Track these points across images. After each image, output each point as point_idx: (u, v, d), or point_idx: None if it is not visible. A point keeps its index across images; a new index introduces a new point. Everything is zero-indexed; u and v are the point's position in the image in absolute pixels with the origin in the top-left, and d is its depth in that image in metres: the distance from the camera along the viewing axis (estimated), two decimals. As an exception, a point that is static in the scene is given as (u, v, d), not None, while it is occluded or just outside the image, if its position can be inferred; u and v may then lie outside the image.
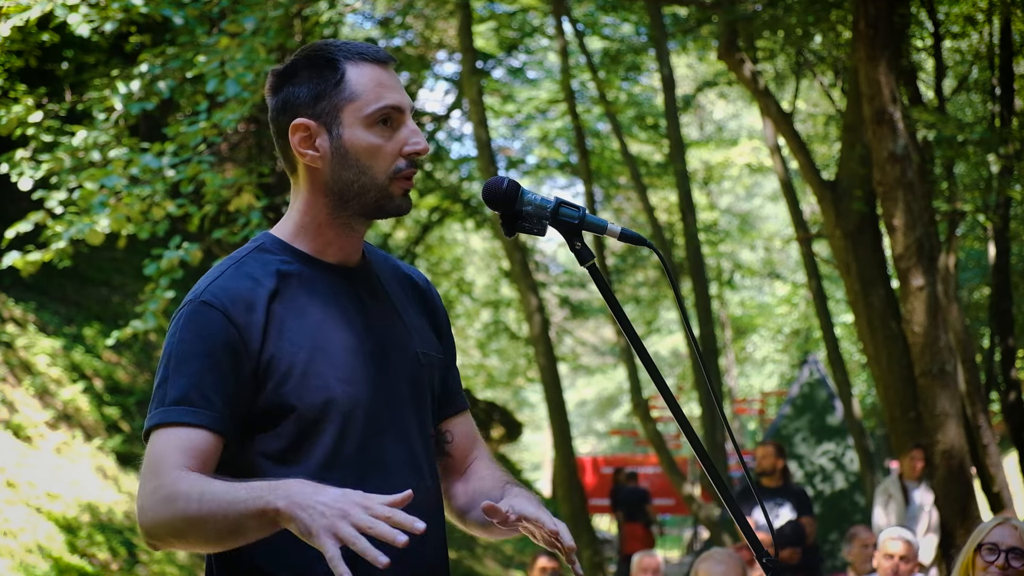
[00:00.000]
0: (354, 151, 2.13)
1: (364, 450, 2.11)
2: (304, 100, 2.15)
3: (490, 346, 26.85)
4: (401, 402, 2.18)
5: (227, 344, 2.05)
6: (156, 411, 2.04)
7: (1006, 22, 11.94)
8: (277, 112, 2.20)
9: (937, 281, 8.74)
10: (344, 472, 2.07)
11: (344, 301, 2.17)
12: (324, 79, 2.15)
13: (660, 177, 20.68)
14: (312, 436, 2.07)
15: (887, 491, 9.25)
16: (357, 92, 2.14)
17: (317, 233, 2.18)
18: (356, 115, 2.14)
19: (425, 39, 20.19)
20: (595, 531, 16.94)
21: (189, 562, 10.57)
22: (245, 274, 2.12)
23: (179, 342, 2.07)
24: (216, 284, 2.11)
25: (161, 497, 1.97)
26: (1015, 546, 3.56)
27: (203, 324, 2.06)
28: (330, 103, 2.14)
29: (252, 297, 2.09)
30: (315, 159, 2.15)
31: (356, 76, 2.15)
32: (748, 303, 30.35)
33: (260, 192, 9.21)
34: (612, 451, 35.67)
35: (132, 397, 12.16)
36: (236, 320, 2.06)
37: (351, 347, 2.14)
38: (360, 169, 2.14)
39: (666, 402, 2.16)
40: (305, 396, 2.07)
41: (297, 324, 2.10)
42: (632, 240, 2.16)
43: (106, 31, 8.27)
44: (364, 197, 2.15)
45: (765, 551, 2.15)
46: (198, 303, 2.09)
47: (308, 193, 2.18)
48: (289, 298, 2.12)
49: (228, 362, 2.05)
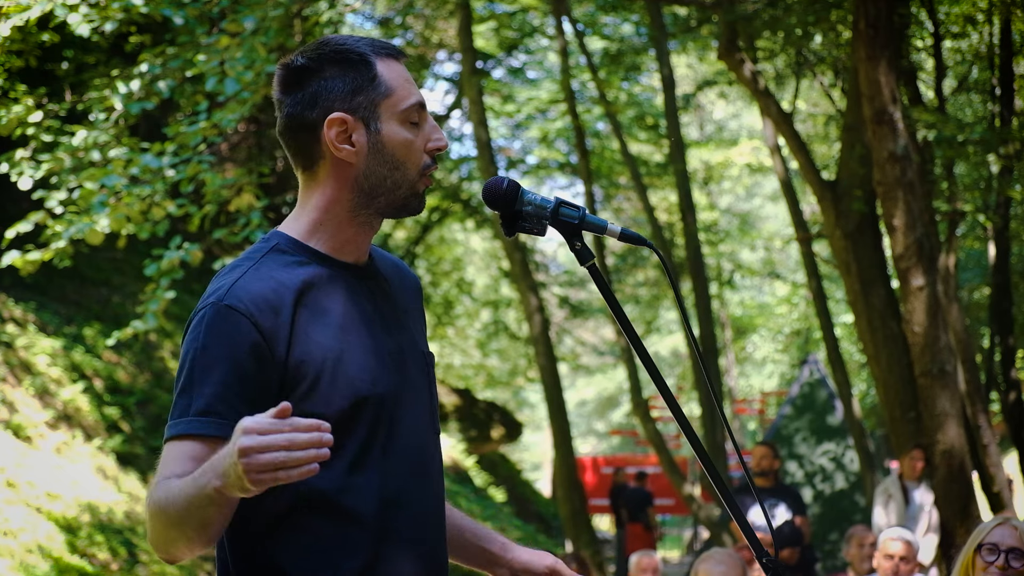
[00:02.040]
0: (391, 146, 2.13)
1: (387, 451, 2.10)
2: (339, 95, 2.12)
3: (490, 346, 26.86)
4: (418, 402, 2.18)
5: (253, 351, 2.00)
6: (180, 421, 2.00)
7: (1006, 22, 11.93)
8: (302, 107, 2.14)
9: (937, 281, 8.74)
10: (370, 474, 2.06)
11: (362, 301, 2.15)
12: (359, 74, 2.14)
13: (660, 177, 20.68)
14: (340, 440, 2.02)
15: (887, 491, 9.26)
16: (392, 88, 2.14)
17: (336, 231, 2.15)
18: (392, 111, 2.13)
19: (425, 39, 20.19)
20: (595, 531, 16.94)
21: (189, 562, 10.57)
22: (267, 275, 2.07)
23: (203, 348, 2.01)
24: (239, 286, 2.04)
25: (150, 510, 1.98)
26: (1015, 546, 3.55)
27: (228, 329, 2.01)
28: (367, 98, 2.12)
29: (277, 301, 2.04)
30: (351, 154, 2.12)
31: (387, 72, 2.15)
32: (748, 303, 30.36)
33: (260, 192, 9.21)
34: (612, 451, 35.69)
35: (132, 397, 12.16)
36: (262, 326, 2.01)
37: (372, 348, 2.12)
38: (395, 164, 2.13)
39: (666, 402, 2.16)
40: (333, 402, 2.04)
41: (321, 327, 2.06)
42: (632, 240, 2.16)
43: (106, 31, 8.26)
44: (395, 193, 2.15)
45: (765, 551, 2.16)
46: (222, 306, 2.02)
47: (332, 189, 2.15)
48: (311, 300, 2.08)
49: (254, 369, 2.00)
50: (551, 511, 21.97)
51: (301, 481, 1.95)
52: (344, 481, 2.01)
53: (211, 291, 2.08)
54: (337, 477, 2.02)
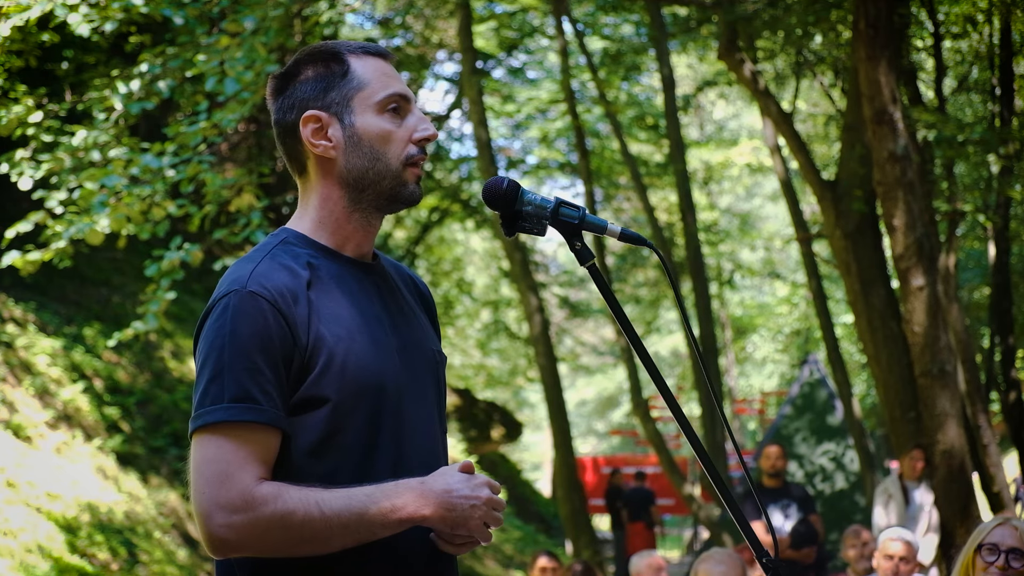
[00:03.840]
0: (367, 137, 2.15)
1: (395, 444, 2.10)
2: (313, 94, 2.16)
3: (490, 346, 26.87)
4: (425, 398, 2.19)
5: (279, 337, 2.01)
6: (215, 408, 1.99)
7: (1006, 22, 11.93)
8: (284, 112, 2.19)
9: (937, 281, 8.73)
10: (380, 467, 2.06)
11: (369, 296, 2.17)
12: (331, 72, 2.17)
13: (660, 177, 20.68)
14: (345, 428, 2.05)
15: (887, 491, 9.25)
16: (365, 81, 2.17)
17: (336, 228, 2.17)
18: (366, 103, 2.16)
19: (425, 39, 20.18)
20: (595, 531, 16.94)
21: (189, 562, 10.57)
22: (281, 265, 2.09)
23: (231, 334, 2.00)
24: (259, 274, 2.06)
25: (265, 515, 1.95)
26: (1015, 547, 3.55)
27: (254, 315, 2.01)
28: (340, 93, 2.15)
29: (295, 289, 2.06)
30: (328, 149, 2.15)
31: (361, 67, 2.18)
32: (748, 303, 30.36)
33: (260, 192, 9.21)
34: (612, 451, 35.69)
35: (132, 397, 12.16)
36: (285, 312, 2.03)
37: (379, 341, 2.13)
38: (374, 155, 2.15)
39: (666, 402, 2.16)
40: (342, 389, 2.05)
41: (331, 317, 2.08)
42: (632, 240, 2.16)
43: (106, 31, 8.26)
44: (379, 185, 2.16)
45: (765, 551, 2.16)
46: (246, 293, 2.03)
47: (323, 188, 2.17)
48: (321, 291, 2.09)
49: (280, 355, 2.01)
50: (551, 511, 21.98)
51: (312, 474, 2.01)
52: (353, 476, 2.02)
53: (229, 280, 2.08)
54: (346, 469, 2.03)
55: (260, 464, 1.98)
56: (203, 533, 1.98)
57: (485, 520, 2.00)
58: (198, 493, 1.97)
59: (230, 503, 1.95)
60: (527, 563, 9.91)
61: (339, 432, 2.05)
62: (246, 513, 1.95)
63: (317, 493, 1.97)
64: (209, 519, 1.96)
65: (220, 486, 1.96)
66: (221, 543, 1.97)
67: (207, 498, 1.96)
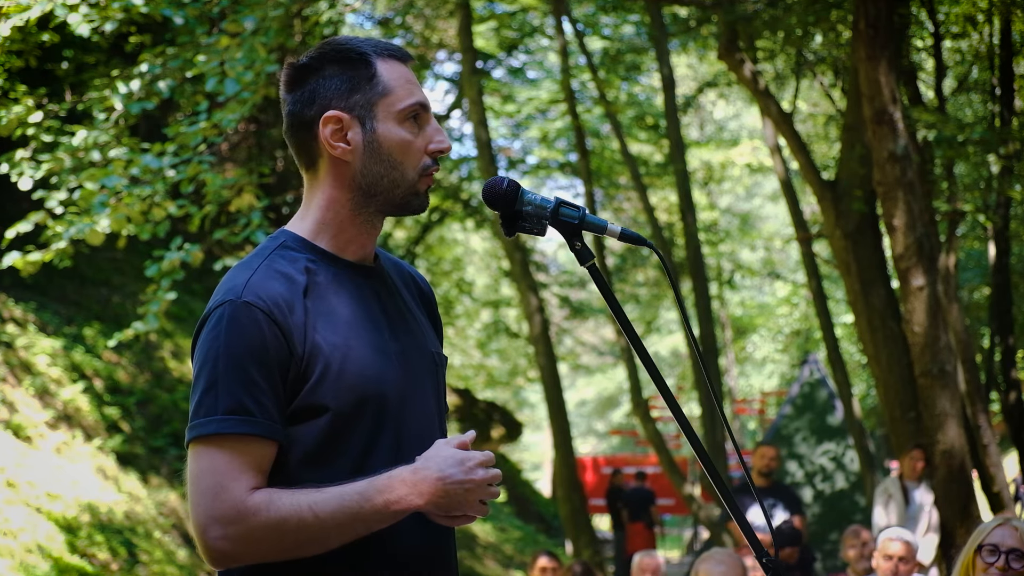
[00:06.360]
0: (387, 145, 2.13)
1: (395, 449, 2.10)
2: (336, 93, 2.14)
3: (490, 346, 26.87)
4: (424, 401, 2.19)
5: (275, 347, 2.01)
6: (209, 420, 1.99)
7: (1006, 22, 11.93)
8: (301, 105, 2.16)
9: (937, 281, 8.73)
10: (377, 473, 2.05)
11: (367, 300, 2.16)
12: (357, 73, 2.15)
13: (660, 177, 20.68)
14: (345, 436, 2.05)
15: (887, 491, 9.25)
16: (390, 87, 2.15)
17: (339, 230, 2.16)
18: (389, 110, 2.14)
19: (425, 39, 20.18)
20: (595, 531, 16.94)
21: (189, 562, 10.57)
22: (278, 272, 2.08)
23: (225, 345, 2.01)
24: (254, 283, 2.05)
25: (259, 523, 1.96)
26: (1015, 547, 3.55)
27: (248, 326, 2.01)
28: (364, 97, 2.14)
29: (291, 298, 2.05)
30: (346, 152, 2.13)
31: (387, 72, 2.16)
32: (748, 303, 30.37)
33: (261, 192, 9.21)
34: (612, 451, 35.69)
35: (132, 397, 12.16)
36: (280, 323, 2.02)
37: (378, 346, 2.12)
38: (391, 164, 2.14)
39: (666, 402, 2.16)
40: (340, 396, 2.04)
41: (329, 324, 2.07)
42: (632, 240, 2.16)
43: (106, 31, 8.26)
44: (392, 192, 2.15)
45: (765, 551, 2.16)
46: (241, 303, 2.02)
47: (331, 188, 2.16)
48: (319, 297, 2.09)
49: (276, 365, 2.01)
50: (551, 511, 21.97)
51: (311, 482, 2.00)
52: (351, 478, 2.02)
53: (225, 289, 2.08)
54: (344, 476, 2.02)
55: (254, 475, 1.98)
56: (201, 547, 1.99)
57: (481, 498, 2.02)
58: (194, 506, 1.99)
59: (224, 515, 1.96)
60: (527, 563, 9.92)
61: (339, 439, 2.05)
62: (239, 524, 1.96)
63: (309, 496, 1.97)
64: (205, 532, 1.97)
65: (214, 499, 1.97)
66: (219, 555, 1.98)
67: (202, 511, 1.97)
